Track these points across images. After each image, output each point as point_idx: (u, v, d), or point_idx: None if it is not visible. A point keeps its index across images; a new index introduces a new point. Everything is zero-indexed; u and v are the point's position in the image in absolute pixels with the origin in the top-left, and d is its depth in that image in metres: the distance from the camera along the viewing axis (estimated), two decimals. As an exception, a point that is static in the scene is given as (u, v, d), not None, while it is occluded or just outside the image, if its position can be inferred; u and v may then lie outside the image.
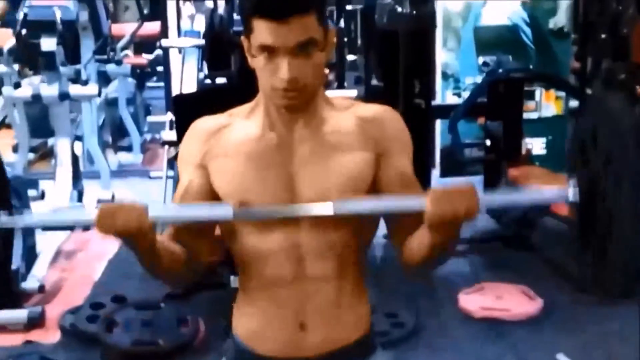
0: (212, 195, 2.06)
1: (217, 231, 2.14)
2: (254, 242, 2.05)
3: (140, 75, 9.88)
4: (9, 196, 2.27)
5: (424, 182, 6.08)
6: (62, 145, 7.03)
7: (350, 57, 9.62)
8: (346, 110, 2.09)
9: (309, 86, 1.96)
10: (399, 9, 5.92)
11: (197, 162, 2.07)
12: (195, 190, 2.07)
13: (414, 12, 5.91)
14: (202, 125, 2.11)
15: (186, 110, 5.15)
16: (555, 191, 2.10)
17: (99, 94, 7.81)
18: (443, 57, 7.60)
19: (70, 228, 6.37)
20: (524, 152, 6.96)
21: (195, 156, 2.08)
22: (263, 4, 1.90)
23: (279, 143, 2.03)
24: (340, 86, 8.26)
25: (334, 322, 2.07)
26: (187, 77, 7.17)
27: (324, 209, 1.96)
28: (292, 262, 2.03)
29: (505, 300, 5.23)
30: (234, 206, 1.99)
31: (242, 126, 2.07)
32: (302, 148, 2.03)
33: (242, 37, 1.99)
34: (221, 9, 7.40)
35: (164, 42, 8.13)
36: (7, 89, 7.19)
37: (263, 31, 1.90)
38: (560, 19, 7.72)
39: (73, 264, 6.20)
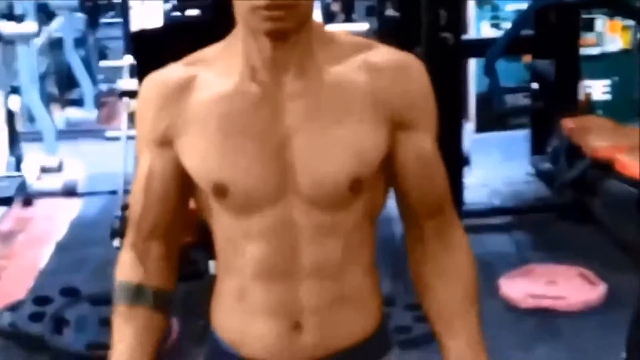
0: (183, 180, 2.04)
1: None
2: (236, 227, 2.03)
3: (93, 8, 9.88)
4: None
5: (455, 139, 6.12)
6: (-7, 100, 7.07)
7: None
8: (354, 54, 2.01)
9: (299, 4, 1.90)
10: None
11: (159, 138, 2.03)
12: (160, 177, 2.04)
13: None
14: (160, 82, 2.04)
15: (150, 51, 5.17)
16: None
17: (39, 34, 7.84)
18: (478, -22, 7.63)
19: (8, 202, 6.42)
20: (581, 97, 6.98)
21: (153, 130, 2.03)
22: None
23: (264, 99, 1.97)
24: (348, 18, 8.28)
25: (335, 320, 2.06)
26: (150, 9, 7.19)
27: None
28: (284, 251, 2.01)
29: (559, 286, 5.28)
30: (208, 190, 1.99)
31: (212, 77, 2.00)
32: (295, 107, 1.97)
33: None
34: None
35: (121, -34, 8.15)
36: None
37: None
38: None
39: (12, 249, 6.25)
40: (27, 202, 6.83)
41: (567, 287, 5.26)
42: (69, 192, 6.95)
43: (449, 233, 2.12)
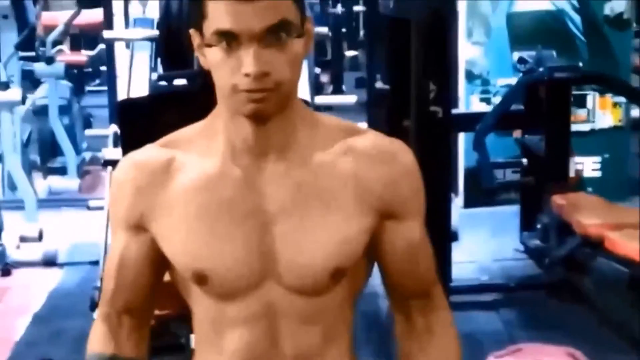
0: (159, 260, 2.01)
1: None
2: (216, 305, 1.99)
3: (78, 76, 9.93)
4: None
5: (443, 214, 6.11)
6: (-26, 167, 7.07)
7: (350, 53, 9.70)
8: (340, 139, 1.98)
9: (283, 84, 1.86)
10: (409, -9, 5.96)
11: (134, 223, 2.00)
12: (134, 259, 2.01)
13: (429, -5, 5.95)
14: (138, 165, 2.01)
15: (135, 121, 5.16)
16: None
17: (24, 101, 7.85)
18: (468, 52, 7.67)
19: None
20: (572, 174, 7.00)
21: (129, 215, 2.00)
22: None
23: (244, 181, 1.94)
24: (337, 90, 8.33)
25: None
26: (136, 78, 7.21)
27: None
28: (264, 339, 1.99)
29: (549, 367, 5.25)
30: (187, 277, 1.96)
31: (192, 158, 1.97)
32: (276, 192, 1.93)
33: (192, 31, 1.92)
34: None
35: (108, 34, 8.16)
36: None
37: (220, 13, 1.82)
38: (619, 3, 7.79)
39: (-12, 320, 6.22)
40: (5, 272, 6.81)
41: (557, 368, 5.25)
42: (49, 262, 6.93)
43: (435, 315, 2.10)
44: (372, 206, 1.96)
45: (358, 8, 9.75)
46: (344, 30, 8.92)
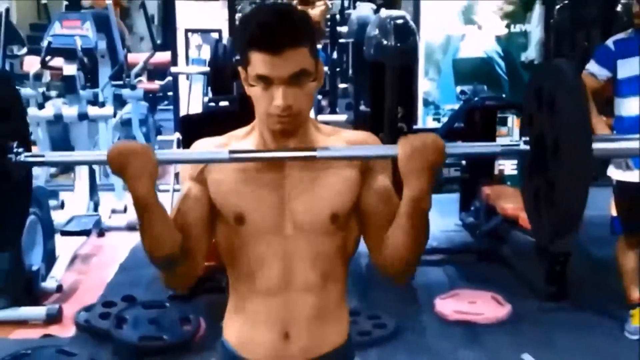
0: (209, 204, 2.02)
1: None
2: (248, 250, 2.02)
3: (152, 98, 9.88)
4: (29, 137, 2.19)
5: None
6: (80, 161, 7.05)
7: (342, 85, 9.66)
8: (333, 135, 2.06)
9: (301, 113, 1.93)
10: (385, 42, 5.92)
11: (196, 176, 2.03)
12: (193, 196, 2.02)
13: (399, 44, 5.92)
14: (203, 144, 2.07)
15: (192, 130, 5.17)
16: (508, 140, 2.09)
17: (115, 115, 7.84)
18: (425, 85, 7.66)
19: (87, 234, 6.39)
20: (496, 172, 6.99)
21: (194, 171, 2.03)
22: (260, 37, 1.87)
23: (271, 164, 2.00)
24: (333, 111, 8.30)
25: (316, 332, 2.04)
26: (193, 100, 7.22)
27: (309, 153, 1.94)
28: (282, 272, 2.00)
29: (478, 306, 5.24)
30: (230, 218, 1.99)
31: (239, 146, 2.03)
32: (294, 170, 2.00)
33: (240, 68, 1.96)
34: (225, 40, 7.44)
35: (174, 69, 8.15)
36: (33, 110, 7.22)
37: (259, 63, 1.87)
38: (531, 53, 7.78)
39: (88, 267, 6.21)
40: (101, 234, 6.81)
41: (483, 306, 5.23)
42: (131, 227, 6.90)
43: None
44: (355, 168, 2.02)
45: (348, 55, 9.68)
46: (337, 69, 8.85)
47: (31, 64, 9.08)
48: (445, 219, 6.88)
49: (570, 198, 1.88)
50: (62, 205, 6.84)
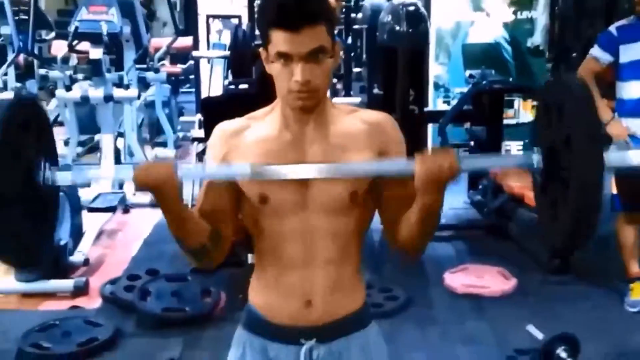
0: (234, 187, 2.03)
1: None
2: (272, 227, 2.02)
3: (175, 81, 9.89)
4: (56, 154, 2.28)
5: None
6: (106, 141, 7.08)
7: (356, 70, 9.61)
8: (351, 114, 2.06)
9: (320, 88, 1.93)
10: (397, 28, 5.91)
11: (220, 159, 2.04)
12: (218, 184, 2.04)
13: (410, 30, 5.90)
14: (225, 127, 2.07)
15: (213, 111, 5.16)
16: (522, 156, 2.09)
17: (139, 97, 7.85)
18: (435, 69, 7.63)
19: (112, 210, 6.41)
20: (504, 152, 6.96)
21: (219, 154, 2.04)
22: (280, 16, 1.87)
23: (292, 141, 1.99)
24: (347, 94, 8.26)
25: (334, 300, 2.05)
26: (214, 83, 7.21)
27: (327, 170, 1.93)
28: (304, 246, 2.01)
29: (485, 279, 5.24)
30: (254, 199, 1.98)
31: (259, 127, 2.03)
32: (314, 147, 1.99)
33: (261, 49, 1.96)
34: (244, 25, 7.42)
35: (195, 54, 8.15)
36: (60, 91, 7.25)
37: (280, 40, 1.87)
38: (537, 39, 7.73)
39: (113, 242, 6.23)
40: (126, 210, 6.83)
41: (490, 280, 5.23)
42: (154, 204, 6.92)
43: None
44: (373, 148, 2.02)
45: (362, 42, 9.63)
46: (352, 54, 8.83)
47: (59, 48, 9.12)
48: (454, 197, 6.86)
49: (582, 212, 1.91)
50: (89, 183, 6.85)
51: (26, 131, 2.07)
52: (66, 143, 8.10)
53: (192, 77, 10.16)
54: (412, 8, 5.98)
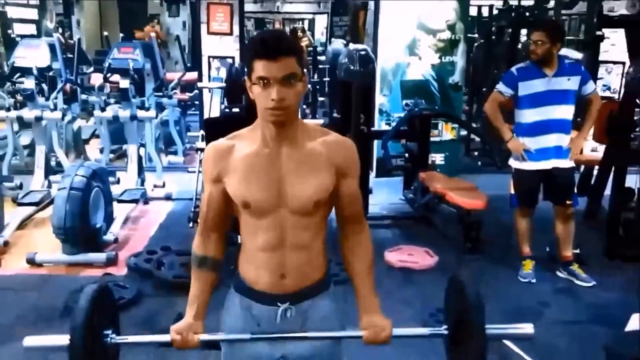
0: (227, 198, 2.01)
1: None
2: (253, 222, 2.01)
3: (184, 106, 9.80)
4: (117, 318, 2.22)
5: (365, 181, 6.11)
6: (132, 149, 7.02)
7: (321, 98, 9.63)
8: (320, 136, 2.01)
9: (291, 107, 1.89)
10: (352, 67, 5.94)
11: (214, 178, 2.01)
12: (215, 198, 2.03)
13: (362, 69, 5.93)
14: (214, 148, 2.02)
15: (212, 128, 5.17)
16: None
17: (157, 117, 7.80)
18: (380, 99, 7.64)
19: (136, 202, 6.37)
20: (430, 162, 7.02)
21: (212, 174, 2.01)
22: (262, 48, 1.86)
23: (270, 156, 1.96)
24: (314, 117, 8.32)
25: (303, 273, 2.05)
26: (213, 107, 7.17)
27: (306, 335, 2.05)
28: (279, 236, 2.00)
29: (414, 257, 5.27)
30: (239, 204, 1.99)
31: (243, 145, 1.99)
32: (288, 161, 1.96)
33: (246, 79, 1.94)
34: (236, 63, 7.41)
35: (200, 85, 8.08)
36: (97, 112, 7.21)
37: (260, 67, 1.85)
38: (457, 77, 7.78)
39: (136, 226, 6.19)
40: (146, 202, 6.78)
41: (419, 257, 5.25)
42: (168, 197, 6.90)
43: (362, 231, 2.12)
44: (333, 170, 1.99)
45: (325, 77, 9.65)
46: (317, 87, 8.84)
47: (96, 79, 9.04)
48: (392, 195, 6.91)
49: None
50: (118, 181, 6.82)
51: (100, 310, 2.07)
52: (101, 151, 8.06)
53: (197, 102, 10.09)
54: (363, 52, 6.03)
